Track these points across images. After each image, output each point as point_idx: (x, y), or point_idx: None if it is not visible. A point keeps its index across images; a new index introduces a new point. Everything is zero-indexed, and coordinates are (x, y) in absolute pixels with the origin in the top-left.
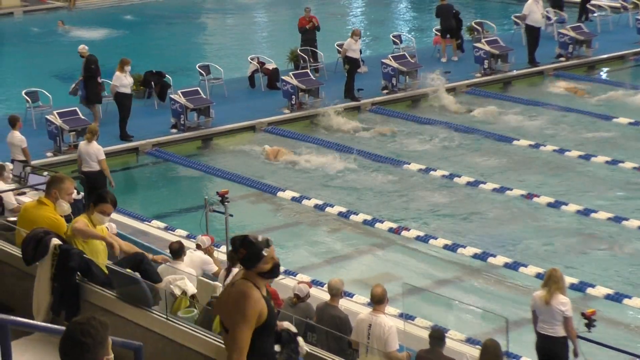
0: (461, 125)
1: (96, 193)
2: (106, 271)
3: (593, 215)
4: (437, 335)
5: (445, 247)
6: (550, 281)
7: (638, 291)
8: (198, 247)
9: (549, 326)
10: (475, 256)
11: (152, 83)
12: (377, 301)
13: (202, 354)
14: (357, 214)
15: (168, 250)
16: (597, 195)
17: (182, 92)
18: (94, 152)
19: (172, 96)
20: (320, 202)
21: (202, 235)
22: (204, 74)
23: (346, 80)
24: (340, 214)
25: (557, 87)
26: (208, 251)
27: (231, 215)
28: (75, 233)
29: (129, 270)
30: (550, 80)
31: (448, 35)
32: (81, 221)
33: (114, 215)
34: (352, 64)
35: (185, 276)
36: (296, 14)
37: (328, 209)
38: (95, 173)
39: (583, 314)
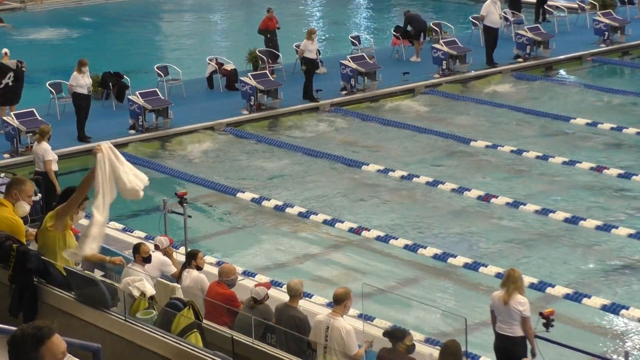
0: (420, 126)
1: (69, 193)
2: (64, 272)
3: (551, 215)
4: (396, 334)
5: (406, 247)
6: (509, 281)
7: (597, 291)
8: (156, 248)
9: (507, 326)
10: (435, 256)
11: (110, 84)
12: (337, 301)
13: (161, 355)
14: (317, 214)
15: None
16: (555, 195)
17: (140, 93)
18: (42, 152)
19: (130, 97)
20: (280, 203)
21: (161, 236)
22: (162, 75)
23: (304, 81)
24: (300, 214)
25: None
26: (167, 252)
27: (190, 217)
28: (59, 217)
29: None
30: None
31: (422, 38)
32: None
33: None
34: (309, 65)
35: (143, 277)
36: (254, 14)
37: (288, 210)
38: (46, 174)
39: (541, 314)
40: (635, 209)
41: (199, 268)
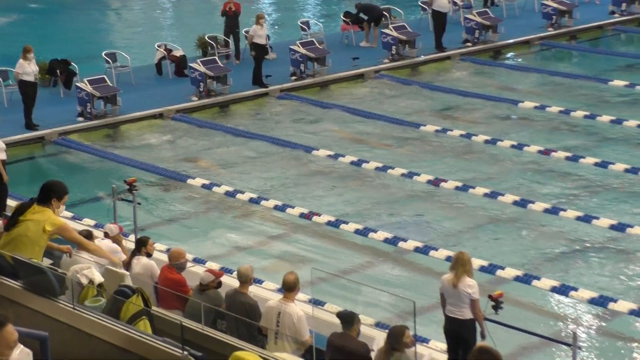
0: (369, 111)
1: (56, 187)
2: (11, 261)
3: (500, 198)
4: (346, 318)
5: (357, 231)
6: (457, 264)
7: (546, 272)
8: (106, 235)
9: (457, 309)
10: (386, 240)
11: (58, 71)
12: (288, 288)
13: (110, 343)
14: (267, 200)
15: None
16: (503, 178)
17: (88, 80)
18: None
19: (78, 84)
20: (230, 189)
21: (110, 223)
22: (111, 62)
23: (254, 67)
24: (251, 200)
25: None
26: (116, 239)
27: (139, 204)
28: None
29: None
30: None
31: (373, 24)
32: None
33: None
34: (258, 51)
35: (92, 265)
36: (203, 1)
37: (239, 196)
38: None
39: (490, 296)
40: (583, 191)
41: (149, 255)
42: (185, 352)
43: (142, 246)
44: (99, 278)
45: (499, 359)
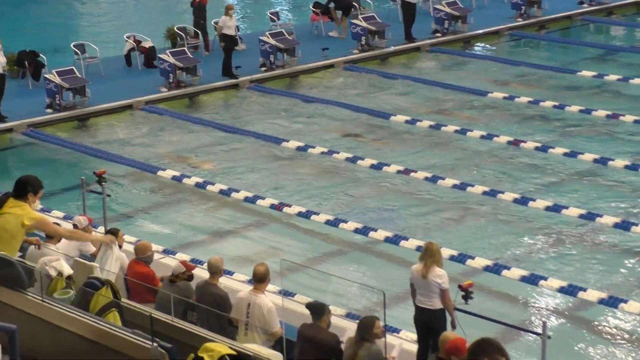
0: (340, 102)
1: (32, 181)
2: None
3: (469, 189)
4: (316, 309)
5: (327, 222)
6: (426, 255)
7: (516, 262)
8: (75, 227)
9: (427, 299)
10: (356, 231)
11: (26, 63)
12: (259, 280)
13: (79, 335)
14: (238, 191)
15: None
16: (473, 169)
17: (57, 72)
18: None
19: (46, 76)
20: (201, 180)
21: (80, 215)
22: (79, 53)
23: (223, 58)
24: (221, 191)
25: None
26: (85, 231)
27: (109, 195)
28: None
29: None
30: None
31: (341, 14)
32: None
33: None
34: (228, 42)
35: (60, 257)
36: None
37: (209, 187)
38: None
39: (460, 286)
40: (553, 181)
41: (119, 247)
42: (155, 344)
43: None
44: (67, 270)
45: (500, 349)
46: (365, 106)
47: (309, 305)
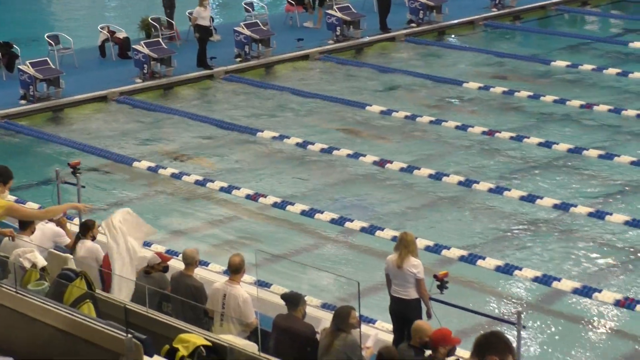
0: (315, 92)
1: (2, 171)
2: None
3: (445, 179)
4: (291, 300)
5: (303, 212)
6: (401, 245)
7: (491, 252)
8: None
9: (402, 289)
10: (332, 221)
11: (0, 54)
12: (234, 270)
13: (53, 327)
14: (213, 182)
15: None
16: (448, 159)
17: (30, 63)
18: None
19: (20, 67)
20: (176, 171)
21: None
22: (53, 44)
23: (198, 48)
24: (197, 182)
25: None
26: (60, 223)
27: (83, 187)
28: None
29: None
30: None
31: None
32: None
33: None
34: (202, 32)
35: (34, 248)
36: None
37: (185, 178)
38: None
39: (435, 276)
40: (527, 171)
41: (94, 238)
42: (129, 335)
43: (87, 230)
44: (42, 262)
45: (509, 346)
46: (340, 96)
47: (284, 296)
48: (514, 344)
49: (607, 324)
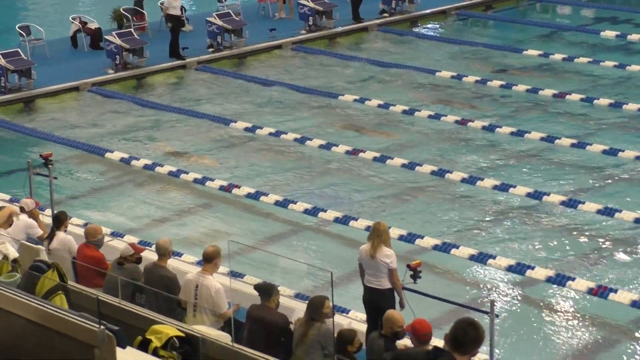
0: (288, 82)
1: None
2: None
3: (418, 168)
4: (265, 290)
5: (277, 203)
6: (374, 235)
7: (464, 241)
8: (22, 210)
9: (375, 279)
10: (306, 211)
11: None
12: (207, 259)
13: (25, 319)
14: (187, 173)
15: None
16: (421, 149)
17: (1, 54)
18: None
19: None
20: (149, 162)
21: (26, 198)
22: (25, 35)
23: (170, 39)
24: (170, 173)
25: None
26: (32, 214)
27: (55, 178)
28: None
29: None
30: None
31: None
32: None
33: None
34: (174, 22)
35: (6, 240)
36: None
37: (158, 169)
38: None
39: (408, 266)
40: (500, 160)
41: (66, 229)
42: (102, 327)
43: (60, 223)
44: (13, 253)
45: (482, 334)
46: (313, 87)
47: (257, 286)
48: (487, 333)
49: (580, 311)
